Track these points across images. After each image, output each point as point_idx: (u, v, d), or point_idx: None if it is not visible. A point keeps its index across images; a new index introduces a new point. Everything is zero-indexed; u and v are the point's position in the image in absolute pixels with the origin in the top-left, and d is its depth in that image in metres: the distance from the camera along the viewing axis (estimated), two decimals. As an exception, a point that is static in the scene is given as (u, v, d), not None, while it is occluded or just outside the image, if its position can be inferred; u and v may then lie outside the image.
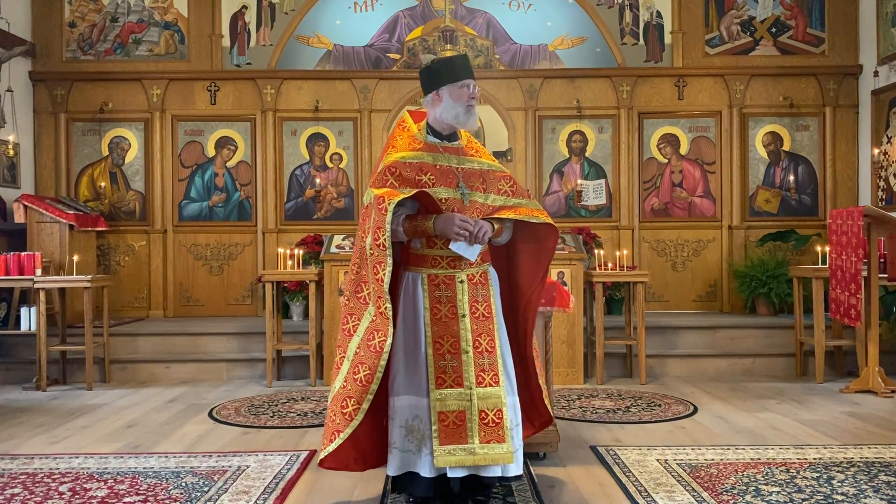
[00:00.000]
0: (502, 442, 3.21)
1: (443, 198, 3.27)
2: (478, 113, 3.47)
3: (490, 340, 3.29)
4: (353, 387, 3.21)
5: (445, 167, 3.33)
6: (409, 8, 8.70)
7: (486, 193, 3.37)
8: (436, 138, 3.40)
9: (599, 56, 8.65)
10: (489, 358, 3.27)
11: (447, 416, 3.20)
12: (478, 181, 3.37)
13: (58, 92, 8.54)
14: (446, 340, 3.25)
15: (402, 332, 3.31)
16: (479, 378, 3.23)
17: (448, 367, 3.23)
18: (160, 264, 8.56)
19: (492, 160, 3.48)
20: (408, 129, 3.43)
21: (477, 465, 3.19)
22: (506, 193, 3.43)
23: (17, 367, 6.84)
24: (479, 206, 3.34)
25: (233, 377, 6.90)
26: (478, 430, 3.19)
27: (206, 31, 8.63)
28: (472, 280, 3.33)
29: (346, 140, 8.65)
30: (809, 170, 8.63)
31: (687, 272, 8.62)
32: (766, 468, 3.98)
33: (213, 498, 3.59)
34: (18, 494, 3.67)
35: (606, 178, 8.63)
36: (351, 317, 3.31)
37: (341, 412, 3.23)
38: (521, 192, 3.47)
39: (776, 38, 8.63)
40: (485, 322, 3.30)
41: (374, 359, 3.17)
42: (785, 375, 6.85)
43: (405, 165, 3.29)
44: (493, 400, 3.23)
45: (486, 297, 3.34)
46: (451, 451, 3.18)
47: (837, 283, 6.17)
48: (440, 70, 3.36)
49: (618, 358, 6.93)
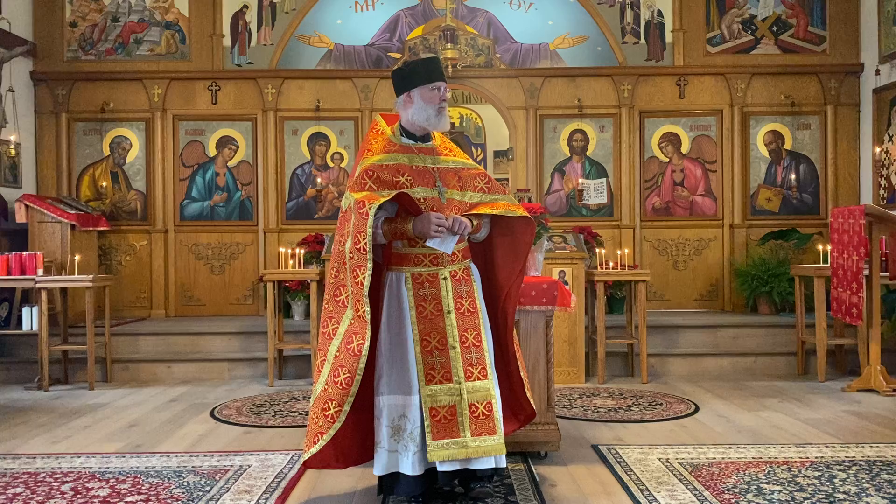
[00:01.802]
0: (493, 434, 3.28)
1: (421, 197, 3.33)
2: (449, 115, 3.53)
3: (476, 335, 3.37)
4: (334, 389, 3.25)
5: (421, 167, 3.39)
6: (409, 7, 8.71)
7: (463, 191, 3.46)
8: (410, 140, 3.46)
9: (600, 55, 8.65)
10: (476, 352, 3.34)
11: (438, 411, 3.26)
12: (454, 179, 3.44)
13: (59, 92, 8.55)
14: (433, 337, 3.31)
15: (388, 331, 3.35)
16: (467, 372, 3.30)
17: (436, 363, 3.29)
18: (161, 264, 8.56)
19: (465, 158, 3.57)
20: (381, 131, 3.48)
21: (469, 458, 3.25)
22: (482, 190, 3.51)
23: (19, 367, 6.84)
24: (456, 203, 3.42)
25: (234, 377, 6.90)
26: (469, 423, 3.26)
27: (207, 30, 8.63)
28: (455, 276, 3.41)
29: (347, 139, 8.66)
30: (811, 168, 8.62)
31: (688, 271, 8.62)
32: (767, 467, 3.98)
33: (214, 497, 3.60)
34: (21, 494, 3.67)
35: (608, 177, 8.63)
36: (330, 320, 3.37)
37: (323, 414, 3.28)
38: (497, 188, 3.56)
39: (777, 36, 8.63)
40: (470, 317, 3.38)
41: (352, 362, 3.20)
42: (786, 374, 6.85)
43: (382, 168, 3.34)
44: (483, 393, 3.31)
45: (469, 292, 3.42)
46: (445, 446, 3.24)
47: (839, 282, 6.16)
48: (411, 72, 3.42)
49: (619, 357, 6.93)
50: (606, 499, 3.57)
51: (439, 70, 3.42)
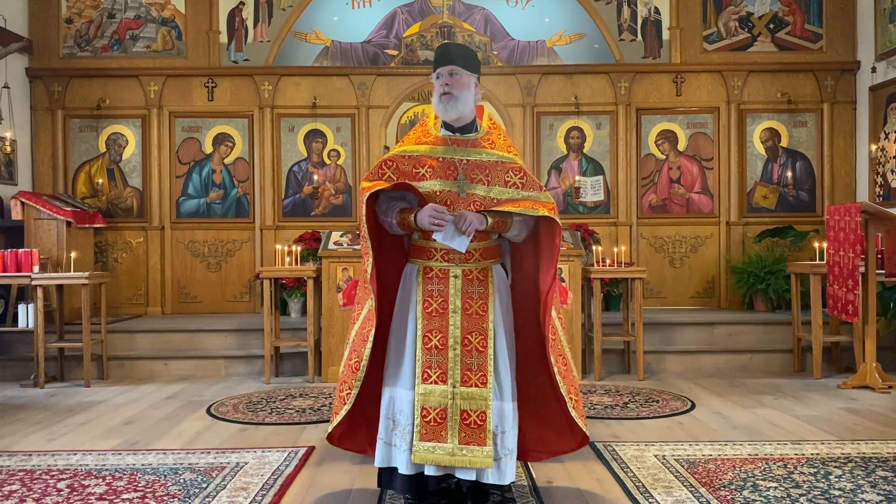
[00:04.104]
0: (483, 445, 3.14)
1: (437, 190, 3.24)
2: (458, 102, 3.25)
3: (482, 340, 3.21)
4: (347, 373, 3.30)
5: (448, 160, 3.28)
6: (406, 4, 8.69)
7: (490, 186, 3.25)
8: (448, 131, 3.36)
9: (597, 52, 8.65)
10: (478, 357, 3.20)
11: (429, 412, 3.17)
12: (481, 174, 3.27)
13: (55, 88, 8.52)
14: (434, 335, 3.21)
15: (397, 323, 3.33)
16: (464, 377, 3.18)
17: (434, 362, 3.19)
18: (158, 261, 8.55)
19: (506, 152, 3.33)
20: (424, 122, 3.45)
21: (453, 465, 3.15)
22: (514, 186, 3.27)
23: (15, 364, 6.83)
24: (478, 198, 3.24)
25: (231, 374, 6.90)
26: (458, 430, 3.15)
27: (203, 27, 8.61)
28: (467, 276, 3.27)
29: (344, 136, 8.65)
30: (807, 166, 8.63)
31: (685, 268, 8.63)
32: (763, 464, 3.99)
33: (211, 494, 3.59)
34: (17, 491, 3.66)
35: (604, 175, 8.63)
36: (357, 305, 3.42)
37: (339, 395, 3.35)
38: (532, 184, 3.30)
39: (774, 34, 8.63)
40: (478, 320, 3.23)
41: (361, 347, 3.24)
42: (782, 371, 6.87)
43: (404, 158, 3.31)
44: (478, 402, 3.17)
45: (482, 294, 3.26)
46: (431, 449, 3.15)
47: (835, 279, 6.17)
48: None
49: (616, 354, 6.94)
50: (603, 496, 3.58)
51: (444, 55, 3.28)
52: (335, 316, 6.40)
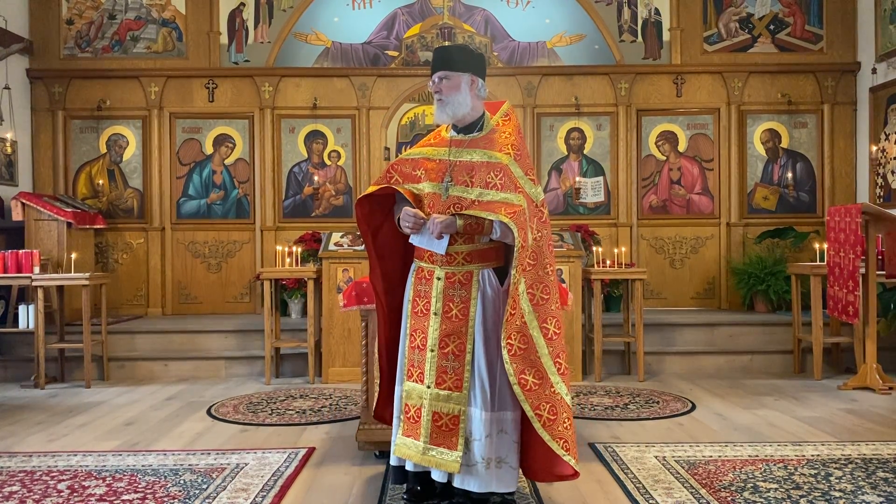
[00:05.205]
0: (453, 449, 3.14)
1: (427, 192, 3.26)
2: (447, 107, 3.24)
3: (460, 344, 3.18)
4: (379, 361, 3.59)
5: (444, 161, 3.26)
6: (407, 5, 8.69)
7: (471, 187, 3.16)
8: (455, 132, 3.35)
9: (598, 53, 8.65)
10: (455, 361, 3.18)
11: (409, 408, 3.26)
12: (467, 175, 3.19)
13: (55, 89, 8.53)
14: (418, 335, 3.28)
15: (404, 319, 3.41)
16: (439, 379, 3.19)
17: (416, 361, 3.26)
18: (158, 262, 8.55)
19: (497, 150, 3.20)
20: (440, 125, 3.45)
21: (422, 464, 3.21)
22: (494, 187, 3.13)
23: (16, 365, 6.83)
24: (456, 200, 3.17)
25: (231, 375, 6.90)
26: (430, 430, 3.17)
27: (203, 28, 8.62)
28: (450, 279, 3.23)
29: (345, 137, 8.65)
30: (807, 167, 8.63)
31: (685, 269, 8.63)
32: (763, 465, 3.99)
33: (211, 495, 3.59)
34: (17, 492, 3.66)
35: (605, 176, 8.63)
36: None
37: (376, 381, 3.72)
38: (509, 185, 3.13)
39: (774, 35, 8.63)
40: (457, 323, 3.19)
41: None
42: (783, 372, 6.86)
43: (406, 162, 3.37)
44: (451, 405, 3.17)
45: (464, 298, 3.20)
46: (407, 444, 3.24)
47: (835, 280, 6.17)
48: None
49: (616, 355, 6.94)
50: (603, 497, 3.58)
51: (438, 59, 3.27)
52: (335, 317, 6.40)
